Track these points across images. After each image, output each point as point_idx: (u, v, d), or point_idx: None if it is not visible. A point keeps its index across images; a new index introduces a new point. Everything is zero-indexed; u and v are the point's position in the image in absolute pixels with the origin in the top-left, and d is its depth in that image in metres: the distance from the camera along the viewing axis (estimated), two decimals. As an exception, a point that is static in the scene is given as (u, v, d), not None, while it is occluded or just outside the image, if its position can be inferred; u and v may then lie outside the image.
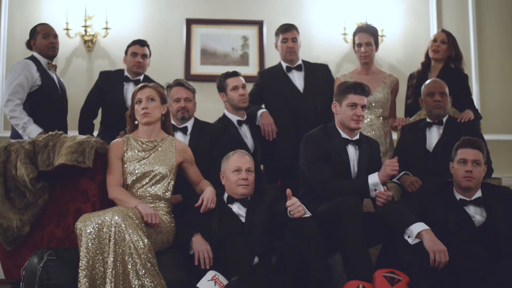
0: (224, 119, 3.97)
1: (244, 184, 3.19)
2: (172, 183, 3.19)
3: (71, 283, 2.79)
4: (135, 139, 3.21)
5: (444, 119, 3.78)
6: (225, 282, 2.91)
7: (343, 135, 3.36)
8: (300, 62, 4.24)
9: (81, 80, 5.13)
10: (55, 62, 4.30)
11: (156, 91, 3.22)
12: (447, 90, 3.80)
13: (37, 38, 4.16)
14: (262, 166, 4.18)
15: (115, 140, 3.24)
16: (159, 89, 3.27)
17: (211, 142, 3.67)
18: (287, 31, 4.17)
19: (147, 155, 3.17)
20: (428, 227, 2.96)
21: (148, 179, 3.13)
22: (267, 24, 5.34)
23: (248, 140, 3.94)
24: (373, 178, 3.19)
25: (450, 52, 4.18)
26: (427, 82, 3.90)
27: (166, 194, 3.16)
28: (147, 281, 2.72)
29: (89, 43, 5.18)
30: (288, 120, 4.08)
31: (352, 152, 3.36)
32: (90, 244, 2.73)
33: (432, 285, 2.84)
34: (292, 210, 2.95)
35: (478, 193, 3.14)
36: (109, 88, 4.33)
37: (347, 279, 2.94)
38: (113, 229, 2.74)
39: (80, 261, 2.72)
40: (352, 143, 3.36)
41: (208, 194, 3.17)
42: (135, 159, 3.15)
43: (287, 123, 4.06)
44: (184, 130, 3.71)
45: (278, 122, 4.02)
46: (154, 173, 3.14)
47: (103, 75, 4.44)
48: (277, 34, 4.24)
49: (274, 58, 4.86)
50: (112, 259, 2.71)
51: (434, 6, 5.50)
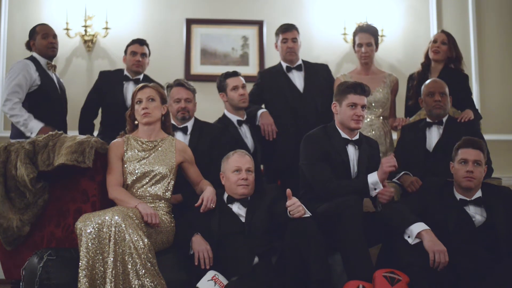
0: (224, 119, 3.97)
1: (244, 184, 3.19)
2: (172, 183, 3.20)
3: (71, 283, 2.79)
4: (135, 139, 3.21)
5: (444, 119, 3.79)
6: (225, 282, 2.91)
7: (343, 135, 3.36)
8: (300, 62, 4.24)
9: (81, 80, 5.12)
10: (55, 62, 4.30)
11: (156, 91, 3.23)
12: (447, 90, 3.80)
13: (36, 39, 4.16)
14: (262, 166, 4.18)
15: (115, 140, 3.24)
16: (159, 89, 3.28)
17: (211, 142, 3.67)
18: (287, 31, 4.17)
19: (147, 155, 3.17)
20: (428, 227, 2.96)
21: (148, 179, 3.13)
22: (267, 24, 5.34)
23: (248, 140, 3.94)
24: (372, 177, 3.19)
25: (450, 53, 4.18)
26: (427, 82, 3.90)
27: (166, 194, 3.16)
28: (147, 281, 2.72)
29: (89, 43, 5.18)
30: (288, 120, 4.07)
31: (352, 152, 3.36)
32: (90, 244, 2.73)
33: (432, 285, 2.84)
34: (292, 210, 2.95)
35: (478, 193, 3.14)
36: (108, 88, 4.32)
37: (347, 279, 2.94)
38: (113, 229, 2.74)
39: (80, 261, 2.72)
40: (352, 143, 3.36)
41: (208, 194, 3.17)
42: (135, 159, 3.15)
43: (287, 123, 4.06)
44: (184, 130, 3.71)
45: (278, 122, 4.02)
46: (154, 173, 3.14)
47: (103, 75, 4.45)
48: (277, 34, 4.23)
49: (274, 58, 4.85)
50: (112, 259, 2.71)
51: (434, 6, 5.49)
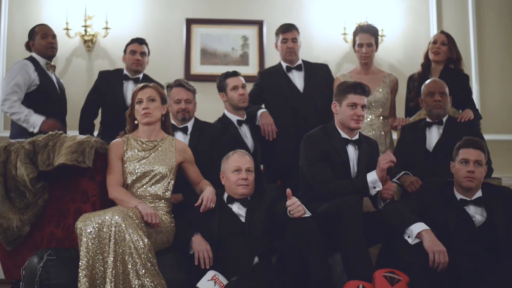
0: (224, 119, 3.96)
1: (244, 184, 3.19)
2: (172, 183, 3.20)
3: (71, 283, 2.79)
4: (135, 139, 3.22)
5: (444, 119, 3.78)
6: (225, 282, 2.91)
7: (343, 135, 3.36)
8: (300, 62, 4.23)
9: (81, 80, 5.12)
10: (54, 62, 4.30)
11: (156, 92, 3.23)
12: (447, 90, 3.80)
13: (35, 39, 4.16)
14: (262, 166, 4.18)
15: (115, 140, 3.24)
16: (159, 89, 3.28)
17: (211, 142, 3.67)
18: (287, 32, 4.16)
19: (147, 154, 3.17)
20: (428, 227, 2.96)
21: (148, 178, 3.13)
22: (267, 24, 5.34)
23: (248, 140, 3.94)
24: (371, 176, 3.19)
25: (450, 54, 4.18)
26: (427, 82, 3.90)
27: (166, 194, 3.16)
28: (147, 281, 2.72)
29: (89, 43, 5.18)
30: (288, 120, 4.07)
31: (352, 152, 3.36)
32: (90, 244, 2.73)
33: (432, 285, 2.84)
34: (292, 210, 2.95)
35: (479, 193, 3.14)
36: (108, 87, 4.33)
37: (347, 279, 2.94)
38: (113, 228, 2.74)
39: (80, 260, 2.72)
40: (352, 143, 3.36)
41: (207, 194, 3.17)
42: (135, 159, 3.15)
43: (287, 123, 4.05)
44: (185, 130, 3.71)
45: (278, 122, 4.01)
46: (154, 172, 3.14)
47: (102, 75, 4.45)
48: (277, 34, 4.23)
49: (274, 58, 4.85)
50: (112, 259, 2.71)
51: (434, 6, 5.49)
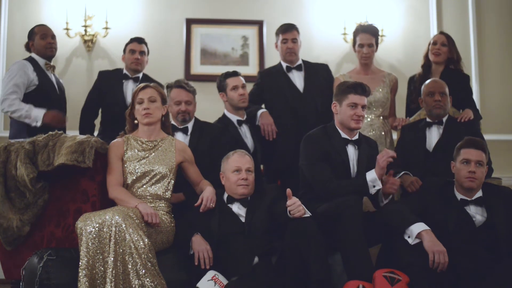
0: (224, 119, 3.96)
1: (244, 184, 3.19)
2: (172, 183, 3.20)
3: (71, 283, 2.79)
4: (135, 139, 3.22)
5: (444, 119, 3.78)
6: (225, 282, 2.91)
7: (343, 135, 3.36)
8: (300, 62, 4.23)
9: (81, 80, 5.12)
10: (54, 62, 4.30)
11: (157, 92, 3.24)
12: (447, 90, 3.80)
13: (35, 39, 4.17)
14: (262, 166, 4.18)
15: (115, 140, 3.24)
16: (160, 89, 3.29)
17: (211, 142, 3.67)
18: (287, 32, 4.16)
19: (147, 154, 3.17)
20: (428, 228, 2.95)
21: (148, 178, 3.13)
22: (267, 24, 5.34)
23: (248, 140, 3.93)
24: (370, 175, 3.20)
25: (451, 54, 4.18)
26: (427, 82, 3.90)
27: (166, 193, 3.16)
28: (147, 281, 2.72)
29: (89, 43, 5.18)
30: (288, 120, 4.07)
31: (352, 152, 3.36)
32: (90, 244, 2.73)
33: (432, 285, 2.84)
34: (293, 210, 2.95)
35: (479, 193, 3.13)
36: (108, 87, 4.33)
37: (347, 279, 2.94)
38: (113, 228, 2.74)
39: (80, 260, 2.72)
40: (352, 143, 3.36)
41: (207, 194, 3.17)
42: (135, 159, 3.15)
43: (287, 123, 4.05)
44: (185, 131, 3.71)
45: (278, 122, 4.01)
46: (154, 172, 3.14)
47: (102, 75, 4.45)
48: (277, 34, 4.22)
49: (274, 58, 4.85)
50: (112, 258, 2.71)
51: (434, 6, 5.49)
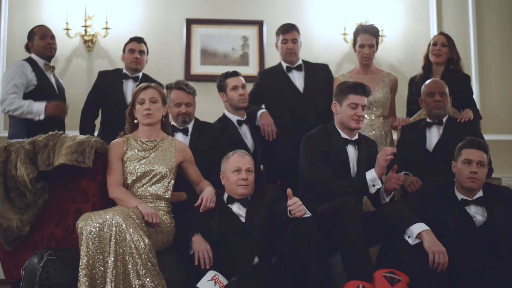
0: (224, 119, 3.96)
1: (244, 184, 3.19)
2: (172, 183, 3.20)
3: (71, 283, 2.79)
4: (135, 139, 3.22)
5: (444, 119, 3.78)
6: (225, 282, 2.91)
7: (343, 135, 3.36)
8: (300, 62, 4.23)
9: (81, 80, 5.12)
10: (55, 62, 4.30)
11: (159, 93, 3.24)
12: (447, 90, 3.80)
13: (34, 40, 4.18)
14: (262, 166, 4.18)
15: (115, 140, 3.24)
16: (161, 90, 3.30)
17: (211, 142, 3.67)
18: (287, 32, 4.15)
19: (147, 154, 3.18)
20: (428, 228, 2.95)
21: (148, 178, 3.14)
22: (267, 24, 5.34)
23: (248, 140, 3.93)
24: (370, 174, 3.20)
25: (451, 54, 4.19)
26: (427, 82, 3.89)
27: (166, 193, 3.17)
28: (147, 281, 2.72)
29: (89, 43, 5.18)
30: (288, 120, 4.06)
31: (352, 152, 3.36)
32: (90, 243, 2.74)
33: (432, 285, 2.84)
34: (293, 210, 2.95)
35: (480, 193, 3.13)
36: (108, 87, 4.33)
37: (347, 279, 2.94)
38: (114, 228, 2.74)
39: (81, 260, 2.72)
40: (352, 143, 3.36)
41: (207, 194, 3.17)
42: (135, 159, 3.16)
43: (287, 123, 4.05)
44: (185, 131, 3.70)
45: (278, 122, 4.01)
46: (154, 172, 3.14)
47: (102, 75, 4.45)
48: (277, 34, 4.22)
49: (274, 58, 4.85)
50: (112, 258, 2.71)
51: (434, 6, 5.49)
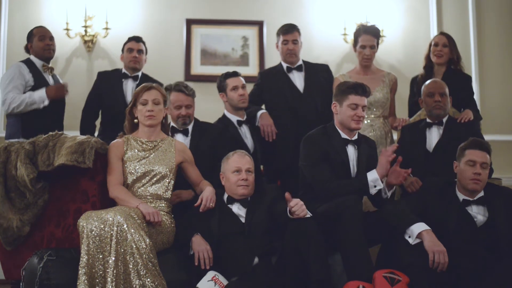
0: (224, 119, 3.96)
1: (244, 184, 3.19)
2: (172, 183, 3.20)
3: (71, 283, 2.78)
4: (135, 139, 3.22)
5: (444, 120, 3.78)
6: (225, 282, 2.91)
7: (343, 135, 3.36)
8: (300, 62, 4.23)
9: (81, 81, 5.12)
10: (55, 62, 4.30)
11: (161, 94, 3.25)
12: (447, 91, 3.79)
13: (33, 41, 4.19)
14: (262, 167, 4.17)
15: (115, 141, 3.24)
16: (163, 91, 3.31)
17: (212, 143, 3.67)
18: (288, 33, 4.14)
19: (147, 154, 3.18)
20: (429, 228, 2.96)
21: (148, 178, 3.14)
22: (267, 24, 5.34)
23: (248, 140, 3.93)
24: (372, 175, 3.20)
25: (452, 55, 4.19)
26: (427, 82, 3.89)
27: (166, 193, 3.17)
28: (148, 281, 2.72)
29: (89, 43, 5.18)
30: (288, 120, 4.06)
31: (352, 152, 3.36)
32: (91, 242, 2.74)
33: (432, 285, 2.84)
34: (297, 210, 2.94)
35: (481, 193, 3.13)
36: (108, 87, 4.33)
37: (347, 279, 2.94)
38: (115, 228, 2.74)
39: (81, 258, 2.72)
40: (352, 143, 3.36)
41: (207, 194, 3.17)
42: (135, 159, 3.16)
43: (287, 123, 4.05)
44: (185, 132, 3.70)
45: (278, 122, 4.01)
46: (154, 172, 3.14)
47: (101, 75, 4.46)
48: (278, 34, 4.21)
49: (274, 58, 4.86)
50: (113, 258, 2.71)
51: (434, 6, 5.50)
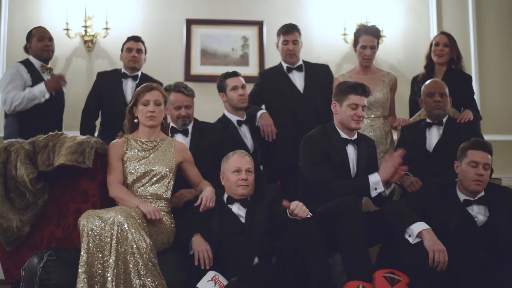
0: (224, 119, 3.96)
1: (244, 184, 3.19)
2: (172, 183, 3.20)
3: (71, 283, 2.78)
4: (135, 139, 3.22)
5: (444, 120, 3.78)
6: (225, 282, 2.91)
7: (343, 135, 3.36)
8: (300, 62, 4.23)
9: (81, 81, 5.12)
10: (55, 62, 4.31)
11: (162, 95, 3.26)
12: (447, 91, 3.79)
13: (32, 41, 4.20)
14: (262, 167, 4.17)
15: (115, 141, 3.24)
16: (164, 92, 3.31)
17: (211, 143, 3.67)
18: (288, 33, 4.14)
19: (147, 154, 3.18)
20: (429, 227, 2.96)
21: (148, 178, 3.14)
22: (267, 24, 5.34)
23: (248, 140, 3.94)
24: (374, 177, 3.20)
25: (452, 54, 4.19)
26: (427, 82, 3.89)
27: (166, 193, 3.17)
28: (148, 281, 2.72)
29: (89, 43, 5.18)
30: (288, 120, 4.06)
31: (352, 152, 3.36)
32: (91, 241, 2.74)
33: (432, 285, 2.84)
34: (299, 212, 2.94)
35: (482, 193, 3.13)
36: (108, 87, 4.34)
37: (347, 279, 2.94)
38: (115, 227, 2.74)
39: (81, 257, 2.72)
40: (352, 143, 3.36)
41: (207, 193, 3.17)
42: (135, 159, 3.16)
43: (287, 123, 4.05)
44: (185, 133, 3.70)
45: (278, 122, 4.01)
46: (154, 172, 3.14)
47: (101, 75, 4.46)
48: (278, 34, 4.22)
49: (274, 58, 4.86)
50: (114, 258, 2.71)
51: (434, 6, 5.49)
